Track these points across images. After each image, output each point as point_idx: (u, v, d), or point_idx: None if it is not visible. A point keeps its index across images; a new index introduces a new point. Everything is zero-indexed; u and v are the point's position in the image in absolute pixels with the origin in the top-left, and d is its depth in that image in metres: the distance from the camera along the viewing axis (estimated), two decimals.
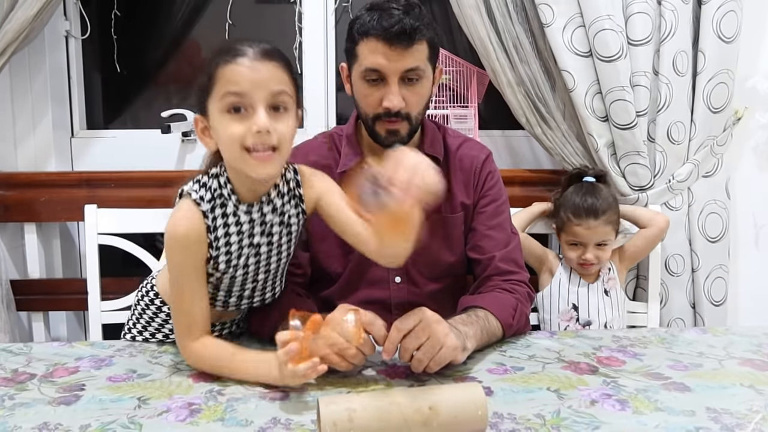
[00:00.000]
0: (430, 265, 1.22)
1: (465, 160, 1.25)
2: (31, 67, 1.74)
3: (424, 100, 1.14)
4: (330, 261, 1.22)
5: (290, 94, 0.91)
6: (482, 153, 1.27)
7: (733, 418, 0.80)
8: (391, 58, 1.07)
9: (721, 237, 1.65)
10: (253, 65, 0.87)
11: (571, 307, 1.47)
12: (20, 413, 0.82)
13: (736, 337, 1.12)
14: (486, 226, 1.23)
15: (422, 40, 1.08)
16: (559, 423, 0.79)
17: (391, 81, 1.09)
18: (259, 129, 0.85)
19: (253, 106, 0.86)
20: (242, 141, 0.87)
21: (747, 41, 1.59)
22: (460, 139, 1.28)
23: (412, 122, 1.14)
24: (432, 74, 1.15)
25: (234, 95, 0.86)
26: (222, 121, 0.88)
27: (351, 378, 0.93)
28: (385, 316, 1.22)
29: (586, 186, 1.47)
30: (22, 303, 1.71)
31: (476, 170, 1.24)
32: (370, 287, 1.22)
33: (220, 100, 0.87)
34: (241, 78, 0.86)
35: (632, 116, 1.55)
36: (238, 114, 0.87)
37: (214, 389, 0.89)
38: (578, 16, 1.55)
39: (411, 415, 0.75)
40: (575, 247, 1.45)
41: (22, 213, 1.71)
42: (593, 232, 1.41)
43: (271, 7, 1.94)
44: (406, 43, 1.06)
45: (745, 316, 1.78)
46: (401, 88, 1.10)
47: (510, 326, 1.10)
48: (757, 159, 1.75)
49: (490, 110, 1.91)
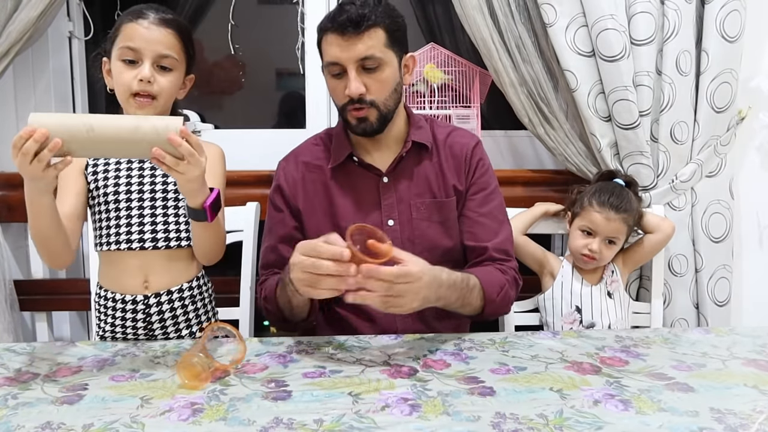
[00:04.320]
0: (428, 250, 1.22)
1: (455, 146, 1.27)
2: (34, 67, 1.75)
3: (388, 86, 1.16)
4: None
5: (177, 58, 1.11)
6: (472, 140, 1.29)
7: (736, 418, 0.80)
8: (344, 48, 1.12)
9: (724, 237, 1.64)
10: (150, 27, 1.08)
11: (574, 309, 1.46)
12: (23, 412, 0.82)
13: (739, 337, 1.11)
14: (477, 213, 1.25)
15: (375, 27, 1.12)
16: (561, 423, 0.79)
17: (349, 70, 1.13)
18: (142, 78, 1.07)
19: (142, 60, 1.08)
20: (129, 86, 1.07)
21: (750, 41, 1.59)
22: (448, 128, 1.31)
23: (380, 108, 1.17)
24: (397, 60, 1.18)
25: (128, 49, 1.08)
26: (117, 67, 1.09)
27: (354, 378, 0.93)
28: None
29: (617, 185, 1.47)
30: (25, 303, 1.72)
31: (467, 156, 1.27)
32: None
33: (118, 50, 1.09)
34: (137, 36, 1.07)
35: (635, 116, 1.54)
36: (131, 64, 1.08)
37: (217, 389, 0.89)
38: (581, 16, 1.55)
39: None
40: (585, 235, 1.44)
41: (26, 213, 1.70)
42: (609, 223, 1.41)
43: (273, 7, 1.94)
44: (355, 31, 1.11)
45: (748, 317, 1.77)
46: (362, 76, 1.14)
47: (492, 302, 1.16)
48: (760, 159, 1.75)
49: (493, 110, 1.91)
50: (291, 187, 1.27)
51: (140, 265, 1.15)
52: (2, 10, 1.53)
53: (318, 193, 1.26)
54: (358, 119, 1.18)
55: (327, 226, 1.24)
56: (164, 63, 1.09)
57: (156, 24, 1.08)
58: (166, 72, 1.10)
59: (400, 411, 0.82)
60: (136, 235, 1.14)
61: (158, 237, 1.15)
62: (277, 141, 1.35)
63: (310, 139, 1.34)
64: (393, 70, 1.17)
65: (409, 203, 1.24)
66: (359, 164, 1.25)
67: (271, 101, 2.03)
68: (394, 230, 1.23)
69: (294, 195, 1.26)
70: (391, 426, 0.78)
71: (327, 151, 1.28)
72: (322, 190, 1.26)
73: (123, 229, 1.14)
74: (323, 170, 1.27)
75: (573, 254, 1.47)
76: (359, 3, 1.12)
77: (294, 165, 1.29)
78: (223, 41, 1.88)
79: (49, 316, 1.80)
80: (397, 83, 1.18)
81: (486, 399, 0.86)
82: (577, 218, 1.47)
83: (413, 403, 0.84)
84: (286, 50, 1.86)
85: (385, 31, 1.13)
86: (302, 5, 1.82)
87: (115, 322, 1.17)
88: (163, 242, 1.15)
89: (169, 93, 1.12)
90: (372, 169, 1.24)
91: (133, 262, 1.15)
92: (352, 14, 1.10)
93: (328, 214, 1.25)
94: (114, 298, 1.16)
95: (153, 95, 1.09)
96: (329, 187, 1.26)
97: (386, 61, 1.15)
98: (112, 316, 1.17)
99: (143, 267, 1.15)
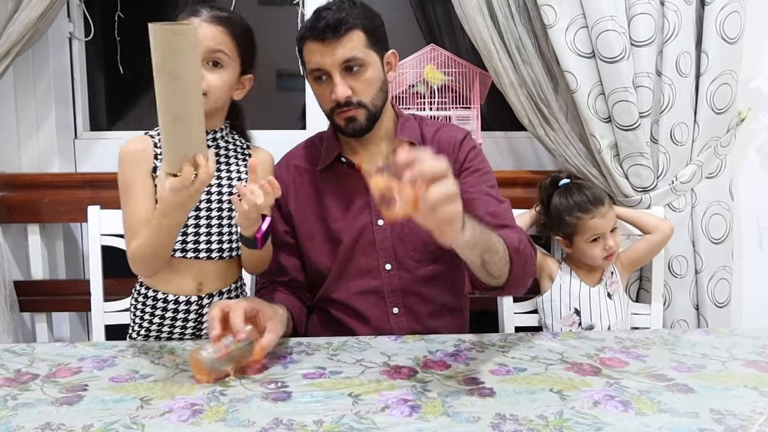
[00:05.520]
0: (419, 248, 1.22)
1: (443, 141, 1.27)
2: (34, 68, 1.75)
3: (373, 86, 1.17)
4: (320, 258, 1.25)
5: (228, 55, 1.09)
6: (460, 133, 1.28)
7: (736, 419, 0.80)
8: (326, 53, 1.13)
9: (724, 238, 1.64)
10: (201, 25, 1.06)
11: (573, 311, 1.46)
12: (23, 413, 0.82)
13: (739, 338, 1.12)
14: (471, 192, 1.20)
15: (354, 29, 1.13)
16: (561, 424, 0.79)
17: (333, 74, 1.14)
18: None
19: None
20: None
21: (750, 42, 1.59)
22: (436, 125, 1.31)
23: (368, 108, 1.17)
24: (379, 59, 1.18)
25: None
26: None
27: (354, 379, 0.93)
28: (380, 304, 1.23)
29: (570, 186, 1.47)
30: (25, 304, 1.71)
31: (455, 146, 1.25)
32: (361, 277, 1.23)
33: None
34: None
35: (635, 117, 1.54)
36: None
37: (217, 390, 0.89)
38: (581, 17, 1.55)
39: None
40: (596, 243, 1.43)
41: (26, 214, 1.71)
42: (608, 218, 1.42)
43: (273, 8, 1.94)
44: (334, 36, 1.11)
45: (748, 318, 1.77)
46: (346, 78, 1.15)
47: (516, 250, 1.07)
48: (760, 160, 1.75)
49: (493, 111, 1.91)
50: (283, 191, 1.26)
51: (194, 272, 1.14)
52: (3, 10, 1.53)
53: (308, 196, 1.26)
54: (347, 119, 1.17)
55: (318, 229, 1.25)
56: (215, 58, 1.07)
57: (207, 21, 1.07)
58: (217, 69, 1.08)
59: (400, 412, 0.82)
60: (191, 245, 1.13)
61: (212, 248, 1.14)
62: (277, 142, 1.35)
63: (303, 142, 1.34)
64: (376, 69, 1.17)
65: None
66: (347, 165, 1.25)
67: (272, 102, 2.03)
68: (384, 229, 1.22)
69: (286, 199, 1.26)
70: (391, 427, 0.78)
71: (318, 154, 1.28)
72: (313, 192, 1.26)
73: (179, 237, 1.12)
74: (313, 173, 1.27)
75: (593, 262, 1.45)
76: (335, 8, 1.12)
77: (285, 169, 1.29)
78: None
79: (48, 316, 1.80)
80: (381, 81, 1.19)
81: (486, 400, 0.86)
82: (576, 236, 1.45)
83: (413, 404, 0.84)
84: (286, 51, 1.86)
85: (363, 31, 1.14)
86: (302, 6, 1.82)
87: (164, 322, 1.16)
88: (216, 253, 1.15)
89: (220, 90, 1.09)
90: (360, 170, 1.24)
91: (186, 269, 1.14)
92: (329, 20, 1.10)
93: (318, 217, 1.25)
94: (165, 299, 1.15)
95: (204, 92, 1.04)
96: (319, 189, 1.26)
97: (369, 62, 1.15)
98: (161, 316, 1.15)
99: (197, 274, 1.15)
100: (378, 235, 1.22)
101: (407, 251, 1.23)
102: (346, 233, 1.22)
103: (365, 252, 1.23)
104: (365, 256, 1.22)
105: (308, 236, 1.26)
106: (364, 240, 1.22)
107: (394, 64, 1.23)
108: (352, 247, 1.22)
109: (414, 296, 1.24)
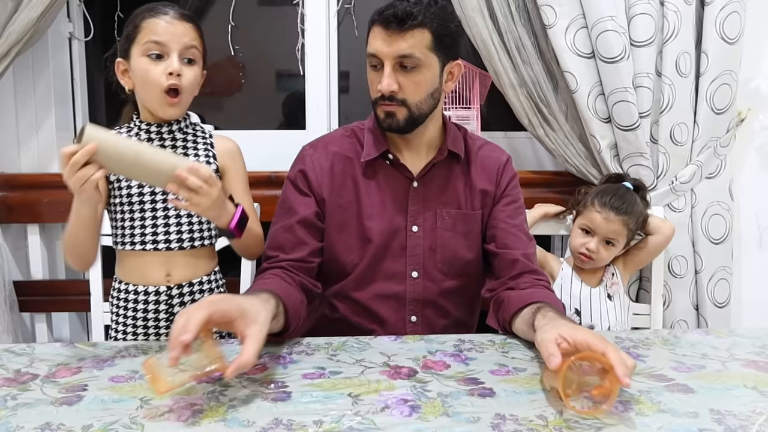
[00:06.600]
0: (448, 261, 1.22)
1: (487, 160, 1.26)
2: (34, 68, 1.75)
3: (422, 88, 1.13)
4: (347, 253, 1.22)
5: (199, 49, 1.12)
6: (503, 155, 1.29)
7: (736, 419, 0.80)
8: (386, 42, 1.09)
9: (724, 238, 1.64)
10: (172, 21, 1.09)
11: (573, 312, 1.46)
12: (23, 413, 0.82)
13: (739, 338, 1.11)
14: (509, 224, 1.24)
15: (421, 28, 1.08)
16: (561, 424, 0.79)
17: (385, 65, 1.11)
18: (172, 71, 1.07)
19: (168, 54, 1.08)
20: (159, 82, 1.07)
21: (750, 42, 1.59)
22: (481, 140, 1.30)
23: (411, 109, 1.14)
24: (440, 65, 1.14)
25: (154, 43, 1.08)
26: (141, 63, 1.09)
27: (354, 379, 0.93)
28: (400, 310, 1.23)
29: (621, 187, 1.48)
30: (25, 304, 1.72)
31: (499, 170, 1.26)
32: (386, 281, 1.22)
33: (142, 46, 1.08)
34: (161, 30, 1.08)
35: (635, 117, 1.55)
36: (158, 59, 1.08)
37: (216, 390, 0.89)
38: (581, 18, 1.55)
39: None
40: (585, 235, 1.45)
41: (25, 214, 1.71)
42: (608, 224, 1.42)
43: (273, 8, 1.94)
44: (398, 28, 1.08)
45: (748, 318, 1.77)
46: (397, 74, 1.11)
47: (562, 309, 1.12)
48: (760, 160, 1.75)
49: (493, 112, 1.91)
50: (318, 175, 1.22)
51: (164, 261, 1.16)
52: (2, 10, 1.53)
53: (346, 187, 1.22)
54: (386, 113, 1.14)
55: (350, 222, 1.21)
56: (189, 55, 1.10)
57: (177, 18, 1.10)
58: (191, 65, 1.11)
59: (399, 412, 0.82)
60: (161, 236, 1.14)
61: (183, 238, 1.16)
62: (277, 142, 1.35)
63: (339, 129, 1.30)
64: (432, 74, 1.13)
65: (435, 211, 1.22)
66: (392, 164, 1.22)
67: (271, 102, 2.03)
68: (417, 237, 1.21)
69: (320, 183, 1.21)
70: (391, 427, 0.78)
71: (358, 145, 1.24)
72: (351, 184, 1.22)
73: (148, 230, 1.14)
74: (353, 163, 1.23)
75: (572, 252, 1.48)
76: (413, 0, 1.09)
77: (323, 153, 1.24)
78: (223, 42, 1.88)
79: (48, 317, 1.80)
80: (434, 89, 1.14)
81: (486, 400, 0.86)
82: (579, 217, 1.47)
83: (413, 404, 0.84)
84: (286, 51, 1.86)
85: (431, 33, 1.09)
86: (302, 6, 1.82)
87: (137, 315, 1.17)
88: (187, 242, 1.16)
89: (194, 85, 1.13)
90: (404, 171, 1.21)
91: (156, 260, 1.15)
92: (399, 10, 1.07)
93: (353, 210, 1.21)
94: (136, 290, 1.16)
95: (180, 90, 1.09)
96: (358, 182, 1.22)
97: (426, 64, 1.11)
98: (133, 309, 1.17)
99: (166, 263, 1.16)
100: (410, 241, 1.21)
101: (436, 262, 1.22)
102: (377, 233, 1.20)
103: (394, 256, 1.21)
104: (393, 260, 1.20)
105: (338, 228, 1.21)
106: (395, 244, 1.20)
107: (456, 75, 1.19)
108: (383, 249, 1.20)
109: (433, 307, 1.23)
